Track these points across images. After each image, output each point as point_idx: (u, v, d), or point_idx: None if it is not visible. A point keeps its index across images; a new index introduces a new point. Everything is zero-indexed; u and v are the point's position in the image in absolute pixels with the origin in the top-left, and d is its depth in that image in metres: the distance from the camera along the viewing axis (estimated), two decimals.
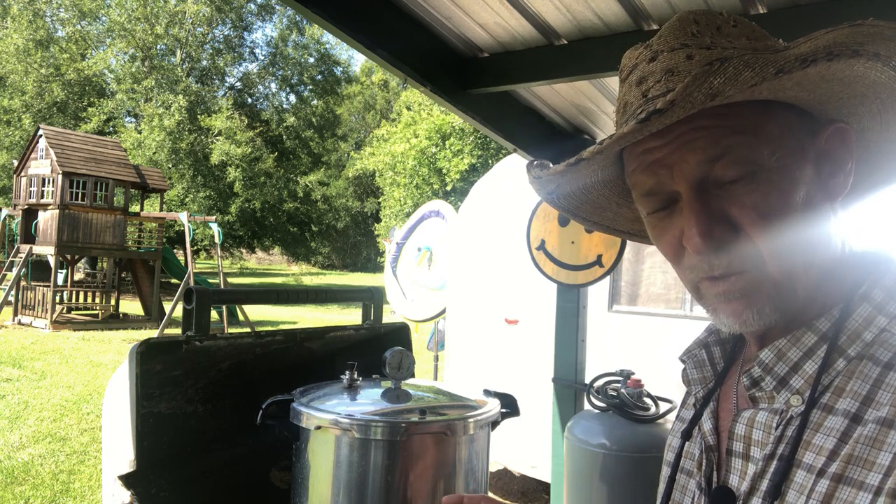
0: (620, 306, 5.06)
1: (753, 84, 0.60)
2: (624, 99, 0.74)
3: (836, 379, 0.65)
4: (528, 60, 2.26)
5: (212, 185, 30.88)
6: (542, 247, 3.44)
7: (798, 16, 1.79)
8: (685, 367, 0.85)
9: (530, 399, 3.56)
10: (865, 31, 0.59)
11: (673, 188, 0.69)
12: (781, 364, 0.69)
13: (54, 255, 15.40)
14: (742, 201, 0.66)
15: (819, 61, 0.61)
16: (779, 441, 0.67)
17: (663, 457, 0.90)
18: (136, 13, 30.09)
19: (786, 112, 0.68)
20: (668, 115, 0.60)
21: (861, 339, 0.66)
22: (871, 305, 0.67)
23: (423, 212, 7.50)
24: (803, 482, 0.63)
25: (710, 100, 0.60)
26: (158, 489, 1.16)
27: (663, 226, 0.72)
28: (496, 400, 1.33)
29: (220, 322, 14.17)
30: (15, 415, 7.20)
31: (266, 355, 1.39)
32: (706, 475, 0.75)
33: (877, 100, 0.69)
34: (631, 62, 0.74)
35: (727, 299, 0.68)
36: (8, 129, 27.84)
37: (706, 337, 0.85)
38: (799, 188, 0.67)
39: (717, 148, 0.65)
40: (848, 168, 0.71)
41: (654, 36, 0.73)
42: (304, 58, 38.51)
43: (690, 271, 0.71)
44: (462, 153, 19.59)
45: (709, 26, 0.70)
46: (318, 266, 48.56)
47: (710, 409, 0.79)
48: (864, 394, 0.63)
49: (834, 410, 0.64)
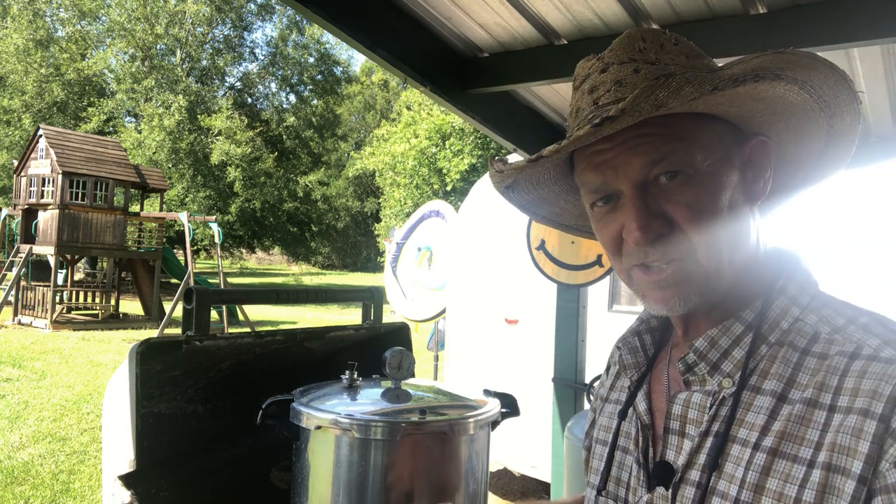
0: (620, 306, 5.06)
1: (693, 98, 0.69)
2: (576, 105, 0.83)
3: (761, 363, 0.75)
4: (528, 60, 2.26)
5: (212, 185, 30.88)
6: (542, 247, 3.44)
7: (798, 16, 1.79)
8: (620, 352, 0.93)
9: (530, 399, 3.56)
10: (787, 58, 0.69)
11: (617, 187, 0.77)
12: (714, 351, 0.78)
13: (54, 255, 15.41)
14: (677, 200, 0.75)
15: (747, 82, 0.70)
16: (713, 419, 0.75)
17: (592, 436, 0.99)
18: (136, 13, 30.10)
19: (717, 124, 0.78)
20: (618, 122, 0.69)
21: (779, 327, 0.76)
22: (786, 298, 0.78)
23: (423, 212, 7.50)
24: (739, 454, 0.71)
25: (655, 110, 0.69)
26: (158, 489, 1.16)
27: (607, 219, 0.81)
28: (496, 400, 1.34)
29: (220, 322, 14.17)
30: (15, 415, 7.21)
31: (266, 355, 1.39)
32: (643, 451, 0.83)
33: (792, 117, 0.79)
34: (584, 72, 0.83)
35: (660, 287, 0.77)
36: (8, 129, 27.84)
37: (638, 325, 0.94)
38: (726, 191, 0.76)
39: (657, 153, 0.74)
40: (767, 176, 0.81)
41: (606, 49, 0.82)
42: (304, 58, 38.52)
43: (626, 259, 0.79)
44: (462, 153, 19.59)
45: (653, 43, 0.79)
46: (318, 266, 48.57)
47: (644, 392, 0.88)
48: (787, 375, 0.72)
49: (761, 391, 0.73)
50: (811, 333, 0.74)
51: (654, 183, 0.75)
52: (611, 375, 1.01)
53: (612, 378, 1.00)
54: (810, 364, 0.71)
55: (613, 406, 0.94)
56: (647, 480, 0.81)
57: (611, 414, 0.94)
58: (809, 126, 0.79)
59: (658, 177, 0.75)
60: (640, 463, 0.83)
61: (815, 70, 0.71)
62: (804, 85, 0.73)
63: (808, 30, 1.76)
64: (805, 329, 0.75)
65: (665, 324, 0.93)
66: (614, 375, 0.99)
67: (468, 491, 1.21)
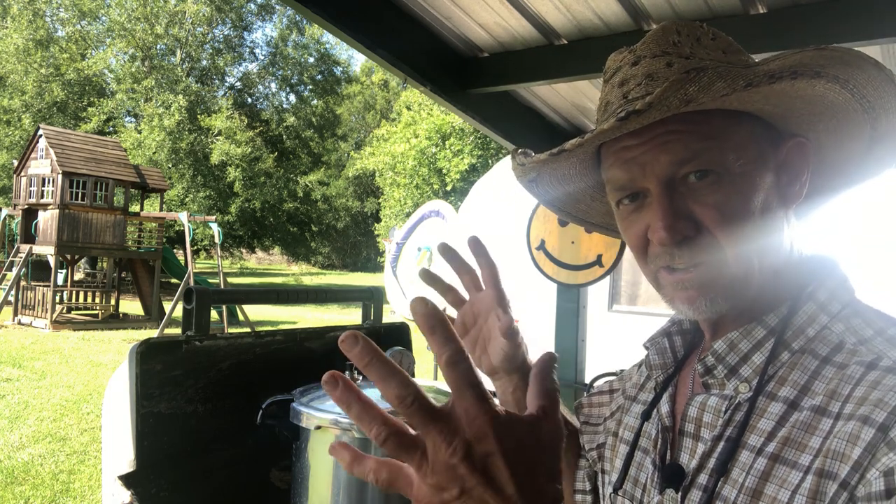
0: (620, 306, 5.06)
1: (725, 94, 0.66)
2: (606, 98, 0.80)
3: (781, 370, 0.72)
4: (528, 60, 2.26)
5: (212, 185, 30.87)
6: (542, 247, 3.44)
7: (798, 16, 1.79)
8: (648, 352, 0.90)
9: None
10: (828, 55, 0.65)
11: (644, 185, 0.74)
12: (733, 354, 0.75)
13: (54, 254, 15.40)
14: (706, 201, 0.71)
15: (784, 78, 0.66)
16: (727, 424, 0.73)
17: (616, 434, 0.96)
18: (136, 13, 30.09)
19: (752, 123, 0.74)
20: (645, 116, 0.66)
21: (805, 334, 0.72)
22: (815, 304, 0.74)
23: (423, 212, 7.51)
24: (745, 460, 0.69)
25: (685, 105, 0.66)
26: (158, 489, 1.16)
27: (632, 218, 0.78)
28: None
29: (220, 322, 14.17)
30: (15, 415, 7.20)
31: (266, 355, 1.40)
32: (661, 453, 0.81)
33: (833, 119, 0.74)
34: (615, 64, 0.80)
35: (684, 288, 0.74)
36: (8, 129, 27.84)
37: (669, 327, 0.91)
38: (758, 193, 0.73)
39: (687, 151, 0.71)
40: (804, 179, 0.77)
41: (638, 42, 0.78)
42: (304, 58, 38.51)
43: (652, 261, 0.76)
44: (462, 153, 19.59)
45: (689, 37, 0.75)
46: (318, 266, 48.55)
47: (669, 393, 0.85)
48: (803, 384, 0.69)
49: (776, 398, 0.70)
50: (835, 343, 0.70)
51: (683, 182, 0.72)
52: (641, 374, 0.98)
53: (643, 378, 0.97)
54: (828, 373, 0.68)
55: (640, 406, 0.93)
56: (660, 482, 0.79)
57: (636, 414, 0.92)
58: (851, 127, 0.75)
59: (687, 176, 0.72)
60: (656, 465, 0.81)
61: (858, 68, 0.67)
62: (846, 84, 0.69)
63: (808, 30, 1.76)
64: (830, 338, 0.71)
65: (697, 326, 0.89)
66: (644, 376, 0.97)
67: None
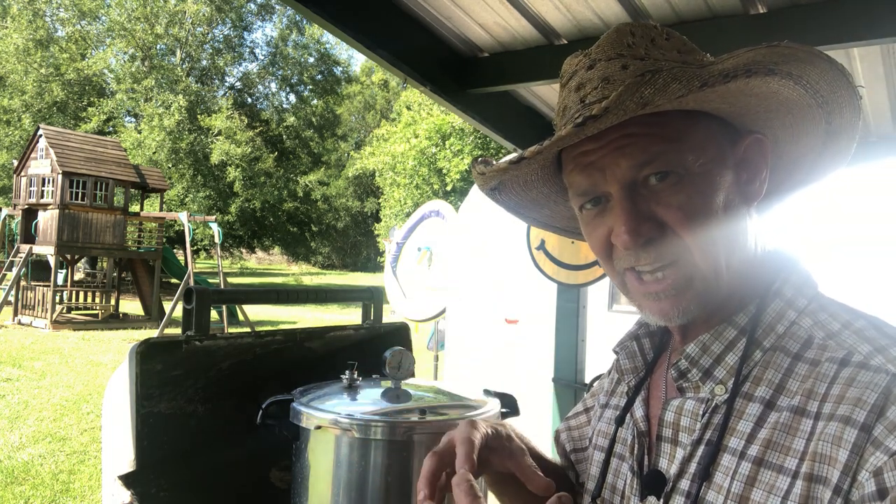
0: (620, 306, 5.06)
1: (680, 95, 0.66)
2: (563, 103, 0.79)
3: (755, 369, 0.72)
4: (527, 60, 2.26)
5: (212, 184, 30.87)
6: (542, 247, 3.44)
7: (798, 16, 1.79)
8: (618, 357, 0.90)
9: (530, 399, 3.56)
10: (781, 52, 0.65)
11: (605, 189, 0.74)
12: (706, 357, 0.75)
13: (54, 254, 15.40)
14: (668, 202, 0.72)
15: (739, 77, 0.66)
16: (705, 427, 0.72)
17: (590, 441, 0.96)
18: (136, 13, 30.09)
19: (709, 122, 0.74)
20: (602, 121, 0.66)
21: (775, 331, 0.73)
22: (782, 301, 0.75)
23: (423, 212, 7.51)
24: (728, 464, 0.69)
25: (641, 108, 0.65)
26: (158, 489, 1.16)
27: (595, 223, 0.78)
28: (496, 400, 1.33)
29: (220, 322, 14.17)
30: (15, 415, 7.20)
31: (266, 355, 1.39)
32: (638, 459, 0.80)
33: (788, 114, 0.75)
34: (571, 68, 0.79)
35: (656, 298, 0.74)
36: (8, 129, 27.83)
37: (637, 329, 0.91)
38: (720, 192, 0.73)
39: (646, 154, 0.71)
40: (763, 175, 0.78)
41: (594, 45, 0.78)
42: (304, 58, 38.50)
43: (617, 263, 0.76)
44: (462, 153, 19.59)
45: (644, 38, 0.75)
46: (318, 266, 48.55)
47: (642, 397, 0.85)
48: (777, 382, 0.69)
49: (752, 398, 0.70)
50: (804, 338, 0.71)
51: (644, 184, 0.72)
52: (612, 381, 0.98)
53: (614, 384, 0.96)
54: (801, 370, 0.68)
55: (612, 412, 0.92)
56: (640, 489, 0.78)
57: (609, 419, 0.91)
58: (806, 123, 0.76)
59: (648, 178, 0.72)
60: (634, 471, 0.80)
61: (810, 64, 0.67)
62: (799, 80, 0.69)
63: (808, 30, 1.76)
64: (799, 333, 0.71)
65: (665, 327, 0.89)
66: (615, 381, 0.96)
67: None
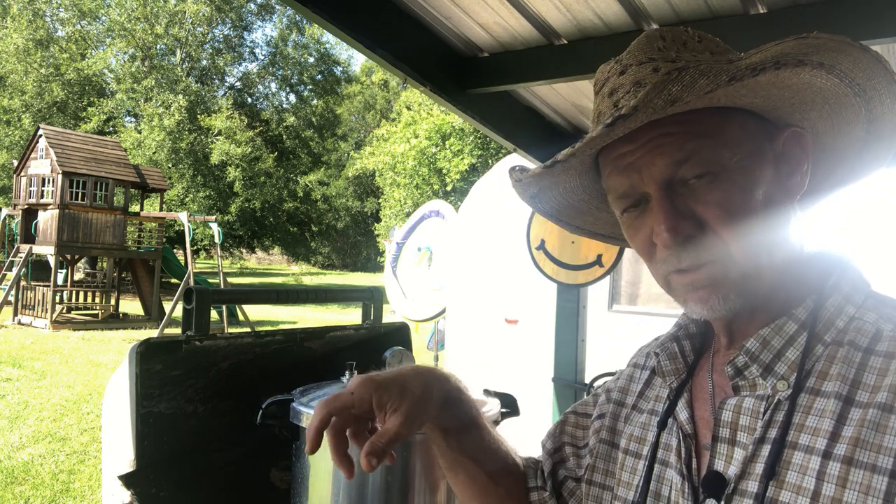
0: (620, 306, 5.06)
1: (709, 91, 0.65)
2: (598, 109, 0.80)
3: (818, 364, 0.70)
4: (528, 60, 2.26)
5: (212, 184, 30.86)
6: (542, 247, 3.44)
7: (798, 16, 1.79)
8: (658, 359, 0.88)
9: (530, 399, 3.56)
10: (810, 43, 0.65)
11: (643, 190, 0.74)
12: (766, 352, 0.73)
13: (54, 254, 15.40)
14: (706, 199, 0.71)
15: (767, 70, 0.66)
16: (768, 425, 0.70)
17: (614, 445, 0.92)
18: (136, 13, 30.08)
19: (744, 117, 0.74)
20: (632, 120, 0.66)
21: (835, 326, 0.72)
22: (840, 295, 0.74)
23: (423, 212, 7.51)
24: (803, 462, 0.66)
25: (670, 105, 0.65)
26: (158, 489, 1.16)
27: (636, 225, 0.77)
28: (496, 400, 1.33)
29: (220, 322, 14.17)
30: (15, 415, 7.20)
31: (266, 355, 1.39)
32: (686, 463, 0.78)
33: (825, 105, 0.74)
34: (604, 76, 0.80)
35: (694, 288, 0.73)
36: (8, 129, 27.82)
37: (676, 331, 0.89)
38: (759, 187, 0.72)
39: (681, 152, 0.71)
40: (804, 168, 0.77)
41: (624, 51, 0.78)
42: (304, 57, 38.50)
43: (661, 265, 0.76)
44: (462, 153, 19.58)
45: (675, 42, 0.76)
46: (318, 266, 48.54)
47: (685, 400, 0.83)
48: (851, 377, 0.67)
49: (822, 393, 0.68)
50: (872, 332, 0.69)
51: (682, 183, 0.72)
52: (637, 381, 0.95)
53: (641, 384, 0.93)
54: (876, 364, 0.67)
55: (648, 416, 0.88)
56: (693, 493, 0.75)
57: (643, 424, 0.88)
58: (846, 112, 0.74)
59: (685, 176, 0.72)
60: (683, 475, 0.77)
61: (841, 52, 0.66)
62: (832, 69, 0.68)
63: (808, 30, 1.75)
64: (865, 327, 0.70)
65: (705, 330, 0.88)
66: (643, 381, 0.93)
67: None
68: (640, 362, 0.98)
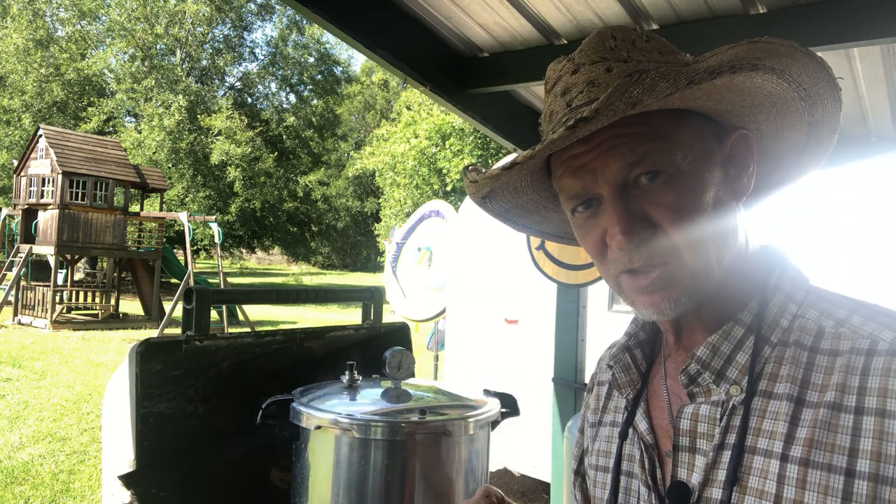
0: (620, 306, 5.05)
1: (668, 94, 0.66)
2: (550, 108, 0.80)
3: (767, 366, 0.72)
4: (527, 60, 2.26)
5: (212, 184, 30.87)
6: (542, 247, 3.44)
7: (798, 16, 1.79)
8: (613, 371, 0.87)
9: (530, 399, 3.56)
10: (762, 47, 0.66)
11: (596, 191, 0.75)
12: (717, 358, 0.74)
13: (54, 254, 15.40)
14: (659, 201, 0.72)
15: (724, 73, 0.67)
16: (726, 431, 0.71)
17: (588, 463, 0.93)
18: (136, 13, 30.09)
19: (695, 120, 0.75)
20: (593, 123, 0.66)
21: (780, 326, 0.73)
22: (782, 295, 0.75)
23: (423, 212, 7.50)
24: (763, 467, 0.67)
25: (631, 108, 0.66)
26: (158, 489, 1.16)
27: (588, 226, 0.78)
28: (496, 400, 1.34)
29: (220, 322, 14.17)
30: (15, 415, 7.20)
31: (266, 355, 1.39)
32: (650, 473, 0.78)
33: (773, 108, 0.76)
34: (555, 74, 0.80)
35: (646, 292, 0.74)
36: (8, 128, 27.83)
37: (627, 341, 0.89)
38: (709, 189, 0.74)
39: (635, 154, 0.72)
40: (750, 170, 0.78)
41: (576, 50, 0.79)
42: (304, 58, 38.52)
43: (612, 266, 0.76)
44: (462, 153, 19.57)
45: (625, 41, 0.76)
46: (318, 266, 48.53)
47: (642, 409, 0.83)
48: (800, 377, 0.69)
49: (774, 395, 0.70)
50: (815, 329, 0.71)
51: (635, 185, 0.73)
52: (600, 397, 0.96)
53: (603, 399, 0.94)
54: (822, 362, 0.68)
55: (610, 429, 0.89)
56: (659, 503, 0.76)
57: (608, 437, 0.89)
58: (790, 116, 0.77)
59: (638, 178, 0.72)
60: (649, 486, 0.78)
61: (791, 58, 0.68)
62: (782, 74, 0.70)
63: (808, 30, 1.76)
64: (808, 326, 0.72)
65: (654, 335, 0.89)
66: (605, 397, 0.94)
67: (468, 490, 1.21)
68: (602, 378, 0.98)
